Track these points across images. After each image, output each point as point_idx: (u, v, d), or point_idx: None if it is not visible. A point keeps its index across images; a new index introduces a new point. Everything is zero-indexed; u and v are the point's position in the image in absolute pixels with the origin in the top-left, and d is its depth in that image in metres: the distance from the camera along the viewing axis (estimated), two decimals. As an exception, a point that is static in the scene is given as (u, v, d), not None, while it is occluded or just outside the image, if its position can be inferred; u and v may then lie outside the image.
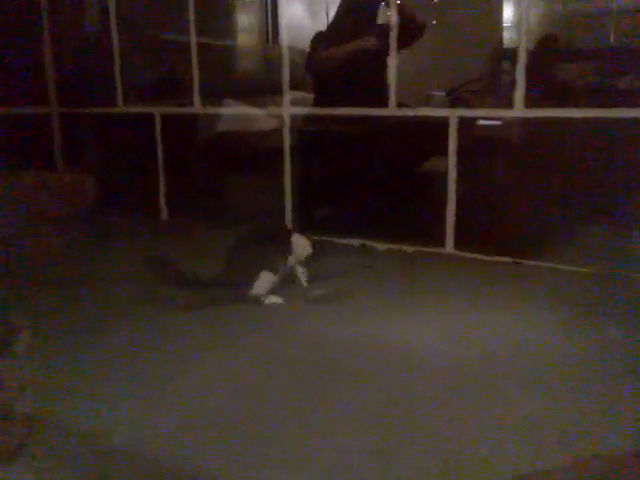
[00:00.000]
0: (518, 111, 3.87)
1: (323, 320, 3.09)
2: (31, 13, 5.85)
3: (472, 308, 3.21)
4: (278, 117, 4.79)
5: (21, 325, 2.38)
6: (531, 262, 3.90)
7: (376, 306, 3.28)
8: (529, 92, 3.84)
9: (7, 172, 4.69)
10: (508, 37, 4.51)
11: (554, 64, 4.19)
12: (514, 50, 3.92)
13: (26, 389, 2.20)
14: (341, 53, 4.61)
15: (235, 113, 5.08)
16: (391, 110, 4.29)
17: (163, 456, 1.98)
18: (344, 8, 4.81)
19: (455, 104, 4.26)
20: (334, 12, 4.94)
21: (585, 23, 4.31)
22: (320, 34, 4.87)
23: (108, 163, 5.70)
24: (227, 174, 5.09)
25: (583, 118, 3.70)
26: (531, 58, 3.86)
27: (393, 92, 4.25)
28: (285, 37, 4.75)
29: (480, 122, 4.09)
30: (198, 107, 5.12)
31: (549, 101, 3.89)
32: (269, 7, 6.23)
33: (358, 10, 4.74)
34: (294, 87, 4.76)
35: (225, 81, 5.24)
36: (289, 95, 4.74)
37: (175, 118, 5.31)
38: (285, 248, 3.43)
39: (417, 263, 4.08)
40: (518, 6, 4.02)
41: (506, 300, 3.32)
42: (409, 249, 4.29)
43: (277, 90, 4.74)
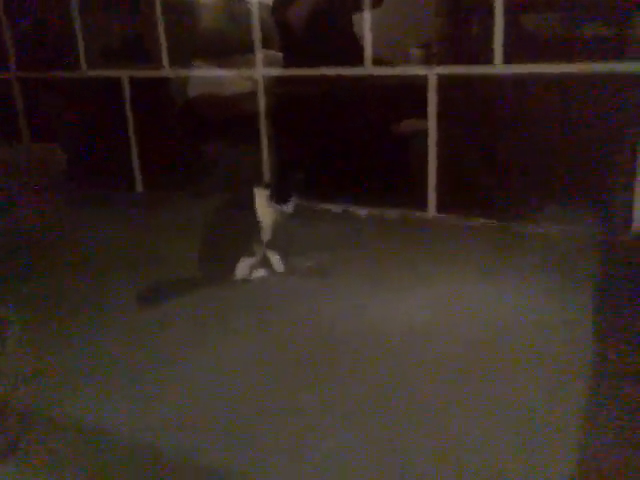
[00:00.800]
0: (499, 67, 3.82)
1: (310, 297, 3.06)
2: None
3: (456, 279, 3.22)
4: (251, 79, 4.65)
5: (10, 319, 2.32)
6: (515, 224, 3.88)
7: (359, 281, 3.24)
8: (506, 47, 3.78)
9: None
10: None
11: (529, 17, 4.09)
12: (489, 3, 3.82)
13: (19, 385, 2.18)
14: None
15: (205, 76, 4.91)
16: (367, 69, 4.21)
17: (160, 448, 1.98)
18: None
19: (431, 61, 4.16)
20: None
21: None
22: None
23: (76, 131, 5.50)
24: (201, 141, 4.95)
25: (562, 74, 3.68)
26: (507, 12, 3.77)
27: (369, 49, 4.15)
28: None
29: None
30: (168, 70, 4.95)
31: (527, 56, 3.82)
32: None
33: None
34: (265, 46, 4.59)
35: (193, 41, 5.03)
36: (261, 54, 4.58)
37: (144, 82, 5.11)
38: (258, 230, 3.29)
39: (399, 230, 4.05)
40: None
41: (490, 268, 3.32)
42: (391, 214, 4.27)
43: (247, 49, 4.58)
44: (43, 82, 5.59)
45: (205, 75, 4.93)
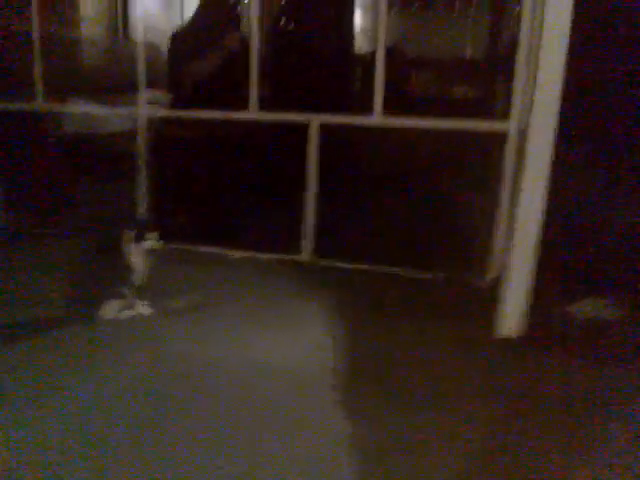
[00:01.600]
0: (378, 120, 3.95)
1: (178, 335, 2.99)
2: None
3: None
4: (132, 118, 4.50)
5: None
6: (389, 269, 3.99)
7: (230, 319, 3.22)
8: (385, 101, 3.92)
9: None
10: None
11: (406, 73, 4.29)
12: (371, 57, 3.96)
13: None
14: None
15: (84, 112, 4.69)
16: (250, 113, 4.20)
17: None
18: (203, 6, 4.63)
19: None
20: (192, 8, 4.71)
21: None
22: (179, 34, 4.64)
23: None
24: (75, 178, 4.68)
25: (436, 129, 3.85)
26: (387, 67, 3.93)
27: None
28: (140, 30, 4.47)
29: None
30: (41, 104, 4.68)
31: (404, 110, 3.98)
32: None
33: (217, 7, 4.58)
34: (148, 85, 4.48)
35: (73, 76, 4.81)
36: (144, 94, 4.46)
37: (13, 116, 4.80)
38: (128, 272, 3.19)
39: (274, 272, 4.03)
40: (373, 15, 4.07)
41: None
42: (264, 257, 4.24)
43: (130, 88, 4.44)
44: None
45: (83, 111, 4.71)
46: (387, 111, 3.92)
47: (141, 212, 4.51)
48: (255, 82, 4.17)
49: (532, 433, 2.26)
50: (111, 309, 3.14)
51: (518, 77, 3.62)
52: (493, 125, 3.77)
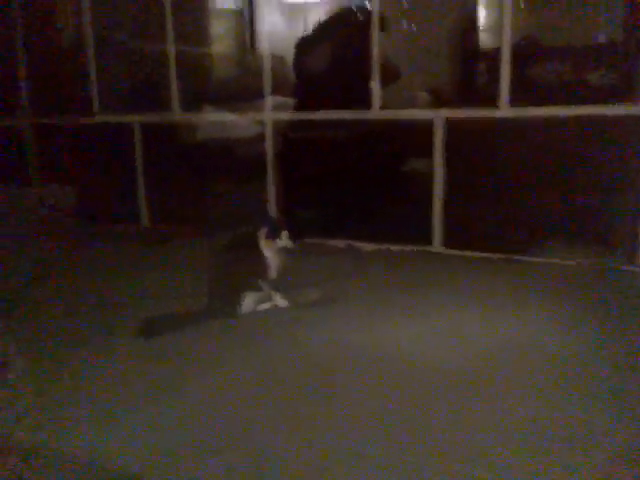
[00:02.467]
0: (504, 111, 3.90)
1: (315, 327, 3.02)
2: (4, 23, 5.72)
3: (462, 308, 3.20)
4: (259, 123, 4.74)
5: (13, 352, 2.26)
6: (520, 257, 3.91)
7: (367, 311, 3.22)
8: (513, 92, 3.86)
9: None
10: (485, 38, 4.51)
11: (534, 63, 4.19)
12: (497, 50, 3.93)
13: (22, 420, 2.11)
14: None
15: (215, 120, 5.00)
16: (375, 113, 4.29)
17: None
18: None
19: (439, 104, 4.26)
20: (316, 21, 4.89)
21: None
22: (305, 38, 4.84)
23: (87, 174, 5.57)
24: (208, 182, 4.99)
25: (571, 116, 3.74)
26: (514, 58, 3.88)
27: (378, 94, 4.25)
28: (266, 44, 4.72)
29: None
30: (177, 115, 5.06)
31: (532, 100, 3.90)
32: (248, 15, 6.11)
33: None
34: (273, 92, 4.71)
35: (205, 88, 5.16)
36: (270, 100, 4.69)
37: (154, 127, 5.22)
38: (263, 267, 3.36)
39: (405, 263, 4.05)
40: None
41: (496, 298, 3.32)
42: (395, 248, 4.28)
43: (257, 95, 4.69)
44: (56, 128, 5.71)
45: (215, 120, 5.03)
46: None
47: (272, 210, 4.73)
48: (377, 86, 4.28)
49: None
50: (250, 302, 3.29)
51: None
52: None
